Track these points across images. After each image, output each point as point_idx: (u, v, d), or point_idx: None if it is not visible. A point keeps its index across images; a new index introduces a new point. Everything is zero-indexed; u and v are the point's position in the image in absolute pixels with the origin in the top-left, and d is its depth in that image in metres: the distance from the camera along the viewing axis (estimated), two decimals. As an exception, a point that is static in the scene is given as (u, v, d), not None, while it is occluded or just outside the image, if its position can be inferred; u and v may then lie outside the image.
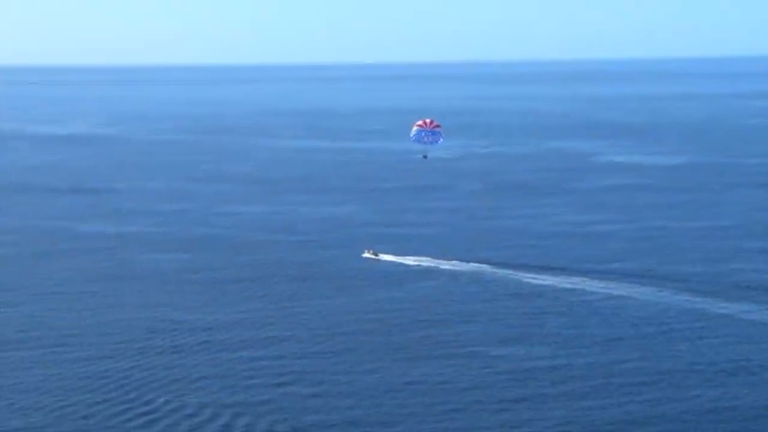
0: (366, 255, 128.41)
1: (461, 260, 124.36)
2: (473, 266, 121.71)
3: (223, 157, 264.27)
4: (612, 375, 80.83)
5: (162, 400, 75.40)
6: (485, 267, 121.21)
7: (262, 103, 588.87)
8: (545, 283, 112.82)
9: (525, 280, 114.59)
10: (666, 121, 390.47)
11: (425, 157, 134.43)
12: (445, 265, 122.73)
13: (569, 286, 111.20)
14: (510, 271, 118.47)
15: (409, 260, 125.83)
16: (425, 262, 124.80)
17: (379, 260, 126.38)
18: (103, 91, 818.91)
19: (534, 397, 75.82)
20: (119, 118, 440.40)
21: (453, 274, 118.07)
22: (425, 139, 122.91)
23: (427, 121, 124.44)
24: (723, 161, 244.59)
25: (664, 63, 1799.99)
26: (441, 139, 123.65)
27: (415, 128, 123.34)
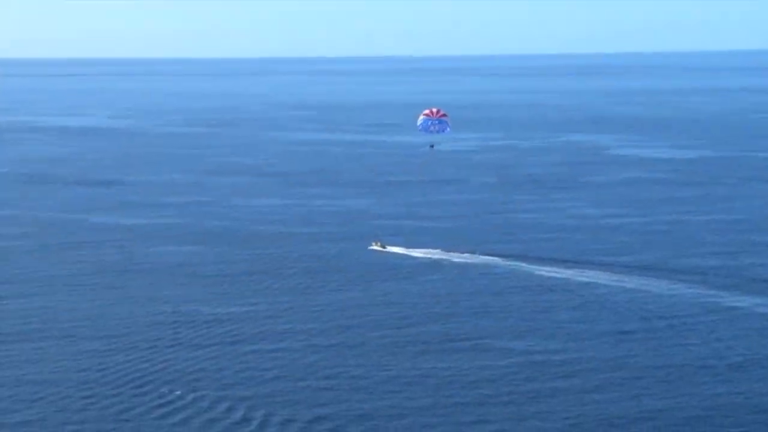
0: (373, 247, 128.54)
1: (472, 253, 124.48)
2: (484, 259, 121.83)
3: (232, 150, 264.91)
4: (624, 369, 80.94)
5: (177, 393, 75.87)
6: (497, 260, 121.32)
7: (272, 95, 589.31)
8: (557, 276, 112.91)
9: (537, 272, 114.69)
10: (679, 115, 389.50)
11: (432, 146, 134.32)
12: (456, 257, 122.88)
13: (582, 279, 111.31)
14: (522, 264, 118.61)
15: (417, 252, 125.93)
16: (434, 254, 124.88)
17: (386, 252, 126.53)
18: (109, 83, 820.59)
19: (545, 391, 75.99)
20: (127, 111, 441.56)
21: (463, 267, 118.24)
22: (432, 128, 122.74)
23: (434, 110, 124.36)
24: (736, 155, 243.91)
25: (676, 57, 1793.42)
26: (448, 129, 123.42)
27: (421, 117, 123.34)
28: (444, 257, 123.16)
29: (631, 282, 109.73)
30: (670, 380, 78.07)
